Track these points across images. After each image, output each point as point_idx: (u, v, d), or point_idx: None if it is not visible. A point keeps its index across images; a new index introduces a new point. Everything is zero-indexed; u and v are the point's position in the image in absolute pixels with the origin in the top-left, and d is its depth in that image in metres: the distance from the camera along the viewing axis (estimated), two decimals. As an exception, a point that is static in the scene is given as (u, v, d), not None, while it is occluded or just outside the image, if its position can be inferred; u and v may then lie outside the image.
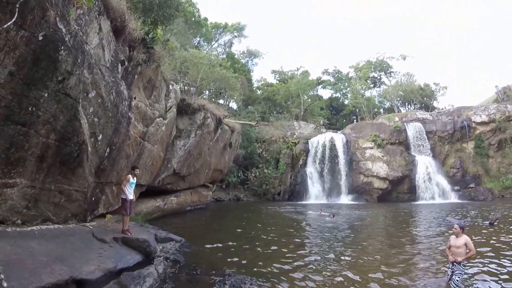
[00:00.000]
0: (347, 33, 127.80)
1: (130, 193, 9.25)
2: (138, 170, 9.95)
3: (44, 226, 7.11)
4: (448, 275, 6.73)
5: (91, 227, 8.39)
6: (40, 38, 5.77)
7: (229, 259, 8.64)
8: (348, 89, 56.34)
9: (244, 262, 8.43)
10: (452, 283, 6.41)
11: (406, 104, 51.99)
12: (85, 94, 7.61)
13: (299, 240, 11.52)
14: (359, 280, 6.99)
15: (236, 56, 49.50)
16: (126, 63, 10.57)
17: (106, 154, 9.13)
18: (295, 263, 8.33)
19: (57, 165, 7.15)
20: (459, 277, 6.41)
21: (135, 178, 9.69)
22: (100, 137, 8.56)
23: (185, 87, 27.52)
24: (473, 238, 7.15)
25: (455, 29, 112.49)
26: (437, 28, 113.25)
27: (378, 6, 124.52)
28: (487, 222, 14.01)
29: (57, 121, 6.71)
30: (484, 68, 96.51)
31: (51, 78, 6.26)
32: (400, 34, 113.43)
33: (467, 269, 6.75)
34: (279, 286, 6.59)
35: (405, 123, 35.57)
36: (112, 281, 5.80)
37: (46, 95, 6.26)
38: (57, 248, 6.20)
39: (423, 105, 49.53)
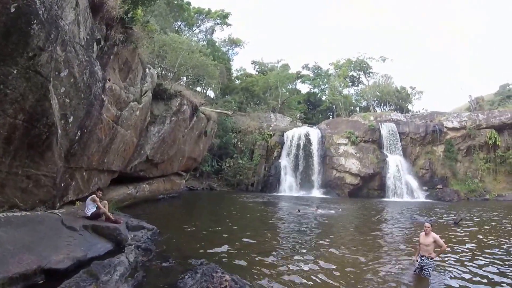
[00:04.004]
0: (330, 32, 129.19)
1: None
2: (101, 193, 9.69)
3: (11, 213, 6.72)
4: (415, 267, 7.15)
5: (60, 215, 8.01)
6: (12, 10, 5.33)
7: (200, 248, 8.61)
8: (327, 85, 57.21)
9: (215, 251, 8.43)
10: (424, 276, 6.90)
11: (382, 104, 53.56)
12: (56, 73, 7.18)
13: (270, 231, 11.64)
14: (328, 270, 7.18)
15: (217, 44, 48.52)
16: (102, 43, 10.05)
17: (76, 137, 8.74)
18: (266, 253, 8.42)
19: (25, 148, 6.71)
20: (428, 271, 6.91)
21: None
22: (71, 119, 8.17)
23: (162, 72, 26.81)
24: (439, 235, 7.52)
25: (435, 38, 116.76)
26: (417, 36, 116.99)
27: (363, 10, 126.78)
28: (453, 222, 14.80)
29: (26, 100, 6.26)
30: (459, 77, 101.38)
31: (21, 54, 5.81)
32: (382, 38, 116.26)
33: (434, 262, 7.14)
34: (250, 275, 6.64)
35: (379, 123, 36.72)
36: (82, 270, 5.56)
37: (15, 71, 5.81)
38: (25, 237, 5.89)
39: (398, 107, 51.29)
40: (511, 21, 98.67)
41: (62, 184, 8.75)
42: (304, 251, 8.92)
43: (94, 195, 9.13)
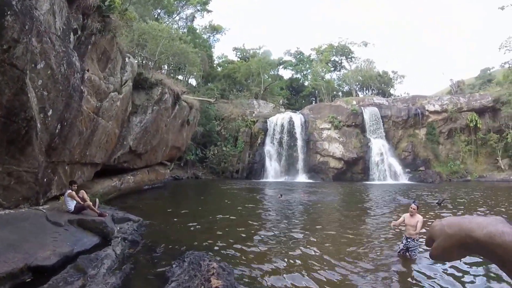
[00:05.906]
0: (324, 27, 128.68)
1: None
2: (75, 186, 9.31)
3: (-6, 212, 6.57)
4: (400, 248, 7.22)
5: (44, 211, 7.87)
6: (-17, 1, 5.10)
7: (187, 237, 8.66)
8: (309, 70, 57.33)
9: (202, 239, 8.48)
10: (410, 257, 6.99)
11: (364, 89, 54.31)
12: (33, 65, 6.95)
13: (255, 218, 11.79)
14: (315, 255, 7.33)
15: (197, 31, 47.54)
16: (79, 32, 9.75)
17: (57, 131, 8.56)
18: (252, 239, 8.55)
19: (4, 144, 6.54)
20: (414, 253, 7.02)
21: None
22: (50, 113, 7.96)
23: (143, 61, 26.11)
24: (423, 216, 7.68)
25: (418, 24, 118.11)
26: (414, 30, 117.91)
27: (359, 5, 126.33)
28: (436, 202, 15.33)
29: (2, 95, 6.07)
30: (440, 62, 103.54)
31: (-5, 47, 5.61)
32: (378, 33, 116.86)
33: (420, 243, 7.16)
34: (237, 262, 6.74)
35: (362, 107, 37.17)
36: (69, 266, 5.53)
37: (-11, 66, 5.62)
38: (10, 235, 5.77)
39: (381, 91, 52.13)
40: (507, 16, 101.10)
41: (45, 180, 8.58)
42: (291, 236, 9.06)
43: (69, 191, 8.83)
